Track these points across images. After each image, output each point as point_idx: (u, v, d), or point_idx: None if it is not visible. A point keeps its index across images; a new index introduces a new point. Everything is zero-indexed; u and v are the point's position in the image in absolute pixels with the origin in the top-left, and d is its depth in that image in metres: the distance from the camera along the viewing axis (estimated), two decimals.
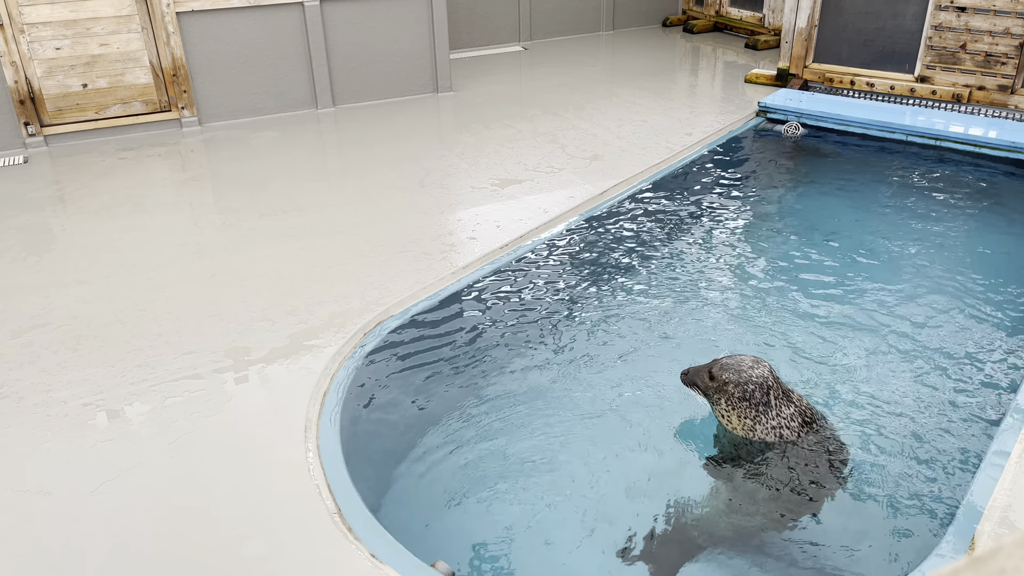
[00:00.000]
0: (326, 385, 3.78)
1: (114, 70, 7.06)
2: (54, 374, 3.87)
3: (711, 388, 3.35)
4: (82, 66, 6.95)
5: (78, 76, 6.97)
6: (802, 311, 4.57)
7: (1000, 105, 7.28)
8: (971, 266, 5.07)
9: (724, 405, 3.32)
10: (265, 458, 3.32)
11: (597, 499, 3.28)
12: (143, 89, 7.17)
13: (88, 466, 3.27)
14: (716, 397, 3.34)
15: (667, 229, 5.63)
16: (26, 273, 4.87)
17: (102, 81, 7.05)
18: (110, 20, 6.91)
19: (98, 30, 6.87)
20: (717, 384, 3.30)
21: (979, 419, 3.68)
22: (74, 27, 6.81)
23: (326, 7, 7.68)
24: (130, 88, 7.16)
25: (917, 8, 7.52)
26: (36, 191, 6.11)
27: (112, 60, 7.03)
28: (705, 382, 3.37)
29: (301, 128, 7.51)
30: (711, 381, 3.33)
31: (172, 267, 4.91)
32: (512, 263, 4.99)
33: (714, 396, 3.36)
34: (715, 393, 3.34)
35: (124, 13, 6.90)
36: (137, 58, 7.08)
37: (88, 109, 7.09)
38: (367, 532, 2.91)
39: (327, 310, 4.36)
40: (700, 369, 3.42)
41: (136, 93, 7.18)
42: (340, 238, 5.24)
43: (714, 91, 8.78)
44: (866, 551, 3.03)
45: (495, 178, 6.20)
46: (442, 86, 8.48)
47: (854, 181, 6.50)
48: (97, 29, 6.87)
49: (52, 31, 6.76)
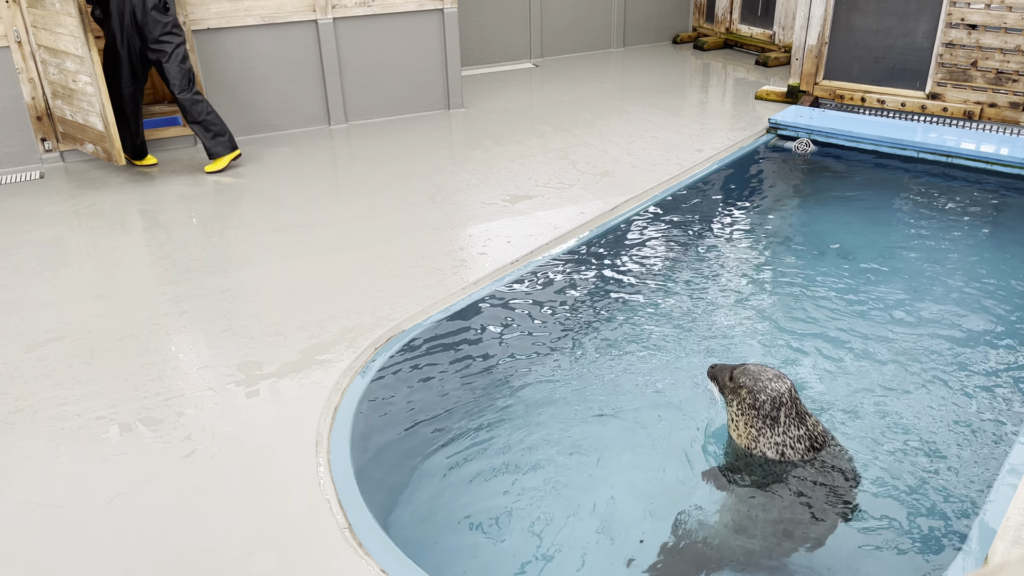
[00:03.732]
0: (337, 400, 3.79)
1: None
2: (68, 388, 3.91)
3: (728, 387, 3.43)
4: None
5: None
6: (813, 327, 4.56)
7: (1012, 122, 7.27)
8: (984, 283, 5.05)
9: (735, 408, 3.38)
10: (276, 473, 3.34)
11: (608, 514, 3.27)
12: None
13: (101, 480, 3.30)
14: (730, 398, 3.43)
15: (678, 245, 5.63)
16: (42, 287, 4.92)
17: None
18: None
19: None
20: (734, 385, 3.38)
21: (991, 436, 3.66)
22: None
23: (339, 24, 7.76)
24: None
25: (928, 26, 7.54)
26: (52, 206, 6.18)
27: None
28: (724, 380, 3.46)
29: (314, 144, 7.58)
30: (730, 381, 3.41)
31: (185, 282, 4.95)
32: (523, 278, 5.01)
33: (728, 396, 3.44)
34: (730, 393, 3.42)
35: None
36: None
37: None
38: (378, 547, 2.92)
39: (339, 325, 4.39)
40: (726, 367, 3.51)
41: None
42: (352, 253, 5.27)
43: (724, 108, 8.80)
44: (876, 572, 3.01)
45: (506, 194, 6.23)
46: (454, 103, 8.54)
47: (865, 198, 6.50)
48: None
49: None
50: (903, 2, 7.63)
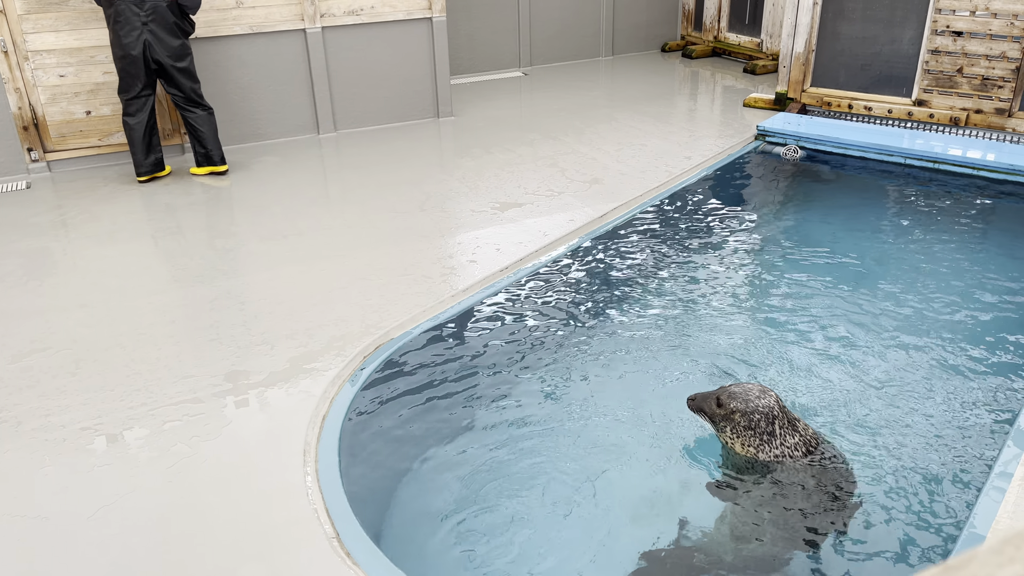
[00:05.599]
0: (325, 409, 3.77)
1: (117, 98, 7.11)
2: (53, 398, 3.87)
3: (718, 415, 3.37)
4: (86, 93, 7.01)
5: (82, 103, 7.03)
6: (801, 333, 4.56)
7: (998, 128, 7.32)
8: (971, 288, 5.07)
9: (729, 432, 3.33)
10: (264, 482, 3.31)
11: (600, 523, 3.26)
12: None
13: (86, 491, 3.26)
14: (722, 425, 3.36)
15: (667, 252, 5.64)
16: (27, 297, 4.88)
17: (105, 108, 7.11)
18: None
19: (102, 58, 6.93)
20: (724, 412, 3.33)
21: (981, 443, 3.66)
22: (78, 55, 6.88)
23: (328, 33, 7.76)
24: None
25: (914, 33, 7.59)
26: (38, 216, 6.14)
27: (116, 88, 7.08)
28: (712, 409, 3.38)
29: (302, 153, 7.56)
30: (718, 408, 3.35)
31: (172, 291, 4.92)
32: (512, 286, 5.00)
33: (720, 423, 3.37)
34: (722, 420, 3.36)
35: None
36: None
37: (91, 136, 7.14)
38: (366, 557, 2.90)
39: (327, 334, 4.37)
40: (707, 396, 3.43)
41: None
42: (340, 262, 5.25)
43: (713, 115, 8.83)
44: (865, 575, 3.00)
45: (495, 202, 6.22)
46: (443, 111, 8.54)
47: (853, 204, 6.52)
48: (101, 57, 6.93)
49: (56, 59, 6.82)
50: (889, 10, 7.69)
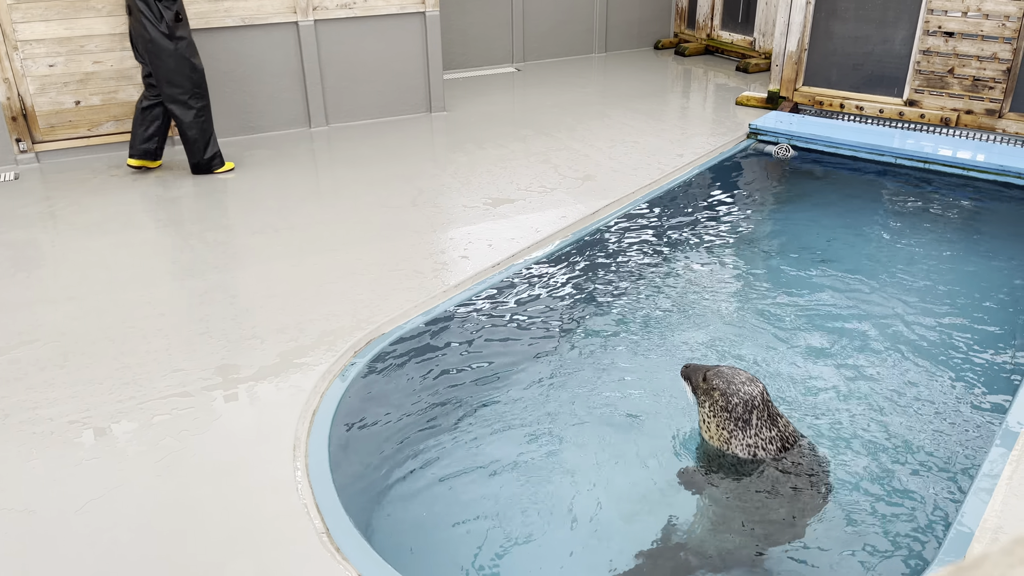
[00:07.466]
0: (315, 404, 3.76)
1: (107, 88, 7.07)
2: (41, 391, 3.84)
3: (700, 388, 3.43)
4: (75, 83, 6.96)
5: (71, 93, 6.97)
6: (791, 331, 4.58)
7: (988, 129, 7.36)
8: (960, 288, 5.10)
9: (707, 409, 3.38)
10: (253, 477, 3.29)
11: (587, 519, 3.26)
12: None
13: (74, 485, 3.24)
14: (703, 399, 3.42)
15: (658, 248, 5.64)
16: (15, 289, 4.84)
17: (95, 99, 7.06)
18: (104, 38, 6.92)
19: (92, 48, 6.88)
20: (707, 386, 3.37)
21: (969, 440, 3.68)
22: (68, 44, 6.83)
23: (320, 27, 7.72)
24: (124, 106, 7.16)
25: (905, 33, 7.61)
26: (26, 207, 6.09)
27: (106, 78, 7.04)
28: (698, 381, 3.45)
29: (294, 147, 7.52)
30: (703, 382, 3.40)
31: (162, 284, 4.89)
32: (504, 281, 4.99)
33: (701, 397, 3.43)
34: (703, 395, 3.42)
35: (119, 31, 6.91)
36: (131, 76, 7.09)
37: (80, 126, 7.09)
38: (356, 552, 2.89)
39: (318, 328, 4.35)
40: (699, 368, 3.50)
41: (129, 111, 7.16)
42: (331, 256, 5.23)
43: (705, 113, 8.84)
44: (854, 573, 3.02)
45: (487, 197, 6.21)
46: (435, 106, 8.52)
47: (844, 203, 6.55)
48: (91, 47, 6.88)
49: (46, 48, 6.77)
50: (881, 10, 7.71)
